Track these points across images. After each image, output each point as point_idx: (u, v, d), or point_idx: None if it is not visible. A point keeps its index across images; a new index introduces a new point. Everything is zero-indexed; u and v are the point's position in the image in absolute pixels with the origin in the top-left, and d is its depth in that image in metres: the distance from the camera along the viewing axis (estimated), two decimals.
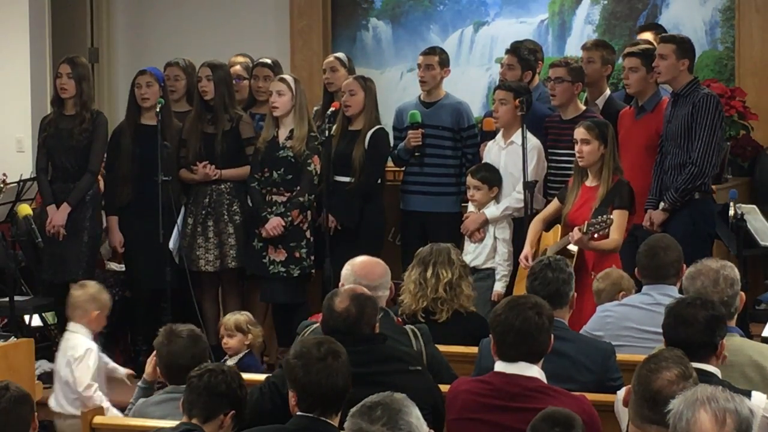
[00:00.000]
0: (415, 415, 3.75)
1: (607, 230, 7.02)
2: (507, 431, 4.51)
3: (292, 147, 8.22)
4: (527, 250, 7.45)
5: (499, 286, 7.81)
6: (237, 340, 6.92)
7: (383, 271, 5.60)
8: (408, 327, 5.55)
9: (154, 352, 5.40)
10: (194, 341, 5.23)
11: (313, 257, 8.25)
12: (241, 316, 7.00)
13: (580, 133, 7.32)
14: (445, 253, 6.34)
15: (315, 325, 5.39)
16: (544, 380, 4.67)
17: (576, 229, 7.08)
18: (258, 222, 8.24)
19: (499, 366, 4.68)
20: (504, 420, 4.55)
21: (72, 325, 6.88)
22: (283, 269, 8.20)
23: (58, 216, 8.22)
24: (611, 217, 7.05)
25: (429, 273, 6.24)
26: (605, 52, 8.50)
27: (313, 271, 8.28)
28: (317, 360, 4.36)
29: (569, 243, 7.20)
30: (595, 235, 7.05)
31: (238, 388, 4.62)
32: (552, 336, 4.74)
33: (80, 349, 6.76)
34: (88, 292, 6.89)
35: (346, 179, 8.36)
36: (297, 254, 8.21)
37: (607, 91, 8.53)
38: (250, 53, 9.42)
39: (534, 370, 4.65)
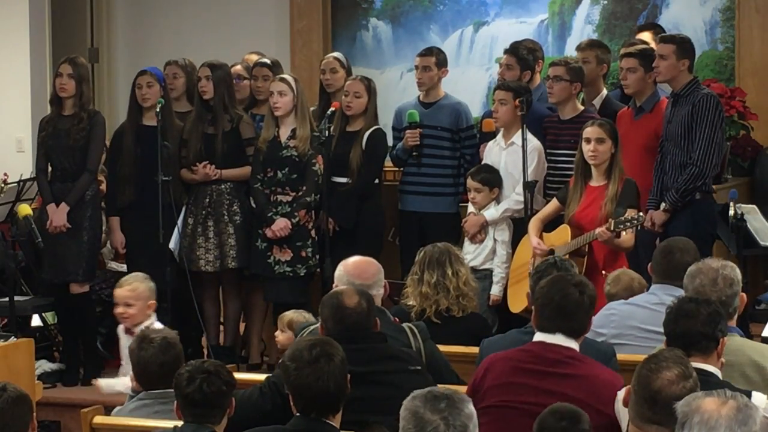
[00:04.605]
0: (474, 422, 3.80)
1: (638, 228, 7.04)
2: (546, 394, 4.59)
3: (296, 147, 8.21)
4: (537, 240, 7.44)
5: (496, 290, 7.80)
6: (286, 337, 6.92)
7: (376, 270, 5.62)
8: (405, 325, 5.56)
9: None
10: (165, 349, 5.20)
11: (318, 256, 8.25)
12: (297, 316, 7.01)
13: (594, 132, 7.29)
14: (452, 250, 6.50)
15: (314, 326, 5.39)
16: None
17: (603, 227, 7.07)
18: (262, 222, 8.23)
19: (539, 336, 4.80)
20: (544, 385, 4.67)
21: None
22: (289, 269, 8.20)
23: (57, 216, 8.21)
24: (641, 215, 7.08)
25: (450, 271, 6.33)
26: (600, 52, 8.49)
27: (318, 269, 8.28)
28: (307, 363, 4.35)
29: (583, 243, 7.19)
30: (623, 234, 7.07)
31: (229, 377, 4.62)
32: (591, 318, 4.87)
33: None
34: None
35: (343, 180, 8.37)
36: (303, 253, 8.21)
37: (604, 91, 8.52)
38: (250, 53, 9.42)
39: (572, 343, 4.77)
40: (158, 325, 6.65)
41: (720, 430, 3.40)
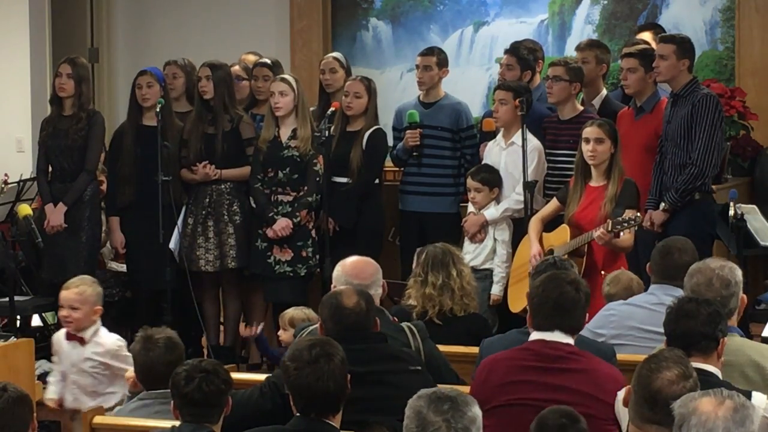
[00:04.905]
0: (477, 425, 3.80)
1: (635, 228, 7.06)
2: (551, 389, 4.66)
3: (297, 147, 8.21)
4: (537, 248, 7.45)
5: (496, 290, 7.80)
6: (289, 335, 6.83)
7: (374, 270, 5.62)
8: (404, 324, 5.56)
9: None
10: (170, 349, 5.20)
11: (318, 256, 8.25)
12: (298, 313, 6.96)
13: (593, 132, 7.30)
14: (454, 251, 6.52)
15: (312, 327, 5.39)
16: None
17: (601, 228, 7.08)
18: (263, 222, 8.23)
19: (536, 335, 4.83)
20: (548, 380, 4.71)
21: None
22: (289, 269, 8.20)
23: (54, 216, 8.21)
24: (639, 215, 7.09)
25: (454, 272, 6.35)
26: (599, 52, 8.49)
27: (318, 269, 8.28)
28: (307, 363, 4.35)
29: (582, 243, 7.20)
30: (621, 234, 7.07)
31: (226, 376, 4.61)
32: (587, 314, 4.93)
33: None
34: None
35: (344, 180, 8.37)
36: (304, 253, 8.21)
37: (604, 91, 8.52)
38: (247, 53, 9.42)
39: (569, 340, 4.81)
40: (104, 332, 6.61)
41: None
